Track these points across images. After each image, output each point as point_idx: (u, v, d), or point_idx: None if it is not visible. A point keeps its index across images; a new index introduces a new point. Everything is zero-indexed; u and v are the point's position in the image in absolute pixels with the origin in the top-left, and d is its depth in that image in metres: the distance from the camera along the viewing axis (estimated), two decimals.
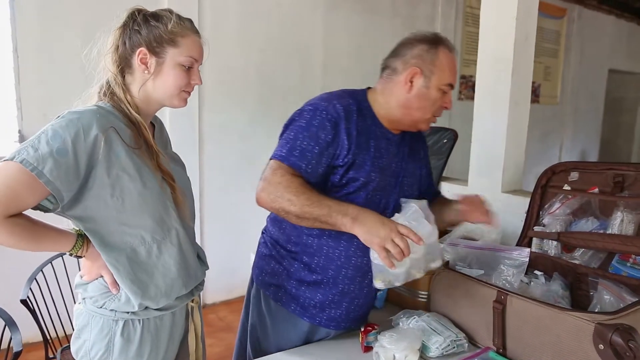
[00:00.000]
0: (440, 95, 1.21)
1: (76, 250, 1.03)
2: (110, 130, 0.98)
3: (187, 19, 1.09)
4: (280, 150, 1.15)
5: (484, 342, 1.27)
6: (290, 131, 1.18)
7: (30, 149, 0.91)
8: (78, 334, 1.09)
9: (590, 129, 6.47)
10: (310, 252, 1.23)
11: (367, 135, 1.20)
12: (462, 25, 4.66)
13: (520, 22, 1.80)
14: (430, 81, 1.19)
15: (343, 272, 1.23)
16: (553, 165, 1.61)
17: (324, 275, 1.23)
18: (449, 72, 1.21)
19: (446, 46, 1.21)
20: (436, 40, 1.21)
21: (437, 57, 1.19)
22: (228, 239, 3.31)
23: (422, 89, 1.19)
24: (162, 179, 1.06)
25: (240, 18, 3.24)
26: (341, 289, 1.24)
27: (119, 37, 1.06)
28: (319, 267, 1.23)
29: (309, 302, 1.25)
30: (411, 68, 1.19)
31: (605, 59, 6.34)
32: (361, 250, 1.19)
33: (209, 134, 3.19)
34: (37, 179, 0.90)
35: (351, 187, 1.18)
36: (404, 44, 1.24)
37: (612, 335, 0.97)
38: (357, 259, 1.22)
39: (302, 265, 1.24)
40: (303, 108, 1.21)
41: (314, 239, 1.22)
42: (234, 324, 2.98)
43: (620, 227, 1.40)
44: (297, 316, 1.26)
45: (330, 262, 1.22)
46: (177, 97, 1.09)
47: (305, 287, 1.24)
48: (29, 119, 2.58)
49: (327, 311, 1.26)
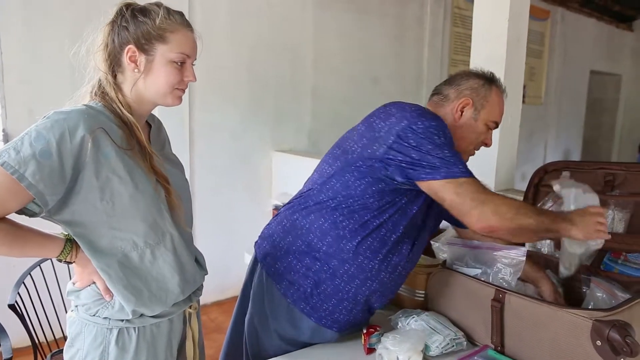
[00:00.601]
0: (485, 130, 1.28)
1: (64, 255, 0.99)
2: (98, 131, 0.93)
3: (178, 13, 1.04)
4: (458, 166, 1.08)
5: (481, 340, 1.28)
6: (441, 147, 1.09)
7: (12, 151, 0.86)
8: (71, 343, 1.05)
9: (573, 128, 6.60)
10: (343, 259, 1.19)
11: None
12: (450, 25, 4.71)
13: (512, 23, 1.82)
14: (480, 114, 1.26)
15: (368, 284, 1.21)
16: (545, 165, 1.64)
17: (349, 283, 1.20)
18: (498, 110, 1.28)
19: (499, 87, 1.30)
20: (492, 79, 1.29)
21: (491, 93, 1.27)
22: (219, 240, 3.29)
23: (470, 119, 1.26)
24: (156, 181, 1.01)
25: (230, 16, 3.22)
26: (359, 300, 1.23)
27: (108, 34, 1.01)
28: (347, 275, 1.20)
29: (320, 305, 1.22)
30: (464, 98, 1.26)
31: (586, 60, 6.47)
32: (392, 267, 1.21)
33: (199, 133, 3.16)
34: (19, 182, 0.85)
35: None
36: (461, 75, 1.31)
37: (609, 331, 0.99)
38: (386, 274, 1.22)
39: (325, 268, 1.20)
40: (417, 121, 1.11)
41: (352, 246, 1.18)
42: (225, 324, 2.94)
43: (611, 225, 1.43)
44: (305, 316, 1.23)
45: (360, 273, 1.20)
46: (170, 95, 1.04)
47: (322, 290, 1.21)
48: (14, 118, 2.52)
49: (337, 315, 1.23)
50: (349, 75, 3.95)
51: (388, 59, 4.20)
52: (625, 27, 7.04)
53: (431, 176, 1.07)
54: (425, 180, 1.09)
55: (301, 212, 1.25)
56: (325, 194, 1.21)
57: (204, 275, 1.20)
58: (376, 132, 1.14)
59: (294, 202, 1.30)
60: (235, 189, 3.33)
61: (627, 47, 7.16)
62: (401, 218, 1.18)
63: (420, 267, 1.57)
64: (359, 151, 1.16)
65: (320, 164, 1.32)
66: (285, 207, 1.33)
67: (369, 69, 4.06)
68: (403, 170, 1.11)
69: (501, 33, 1.84)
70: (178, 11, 1.05)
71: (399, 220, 1.18)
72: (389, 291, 1.27)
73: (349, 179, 1.17)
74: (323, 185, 1.23)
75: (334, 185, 1.20)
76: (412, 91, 4.49)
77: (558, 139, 6.28)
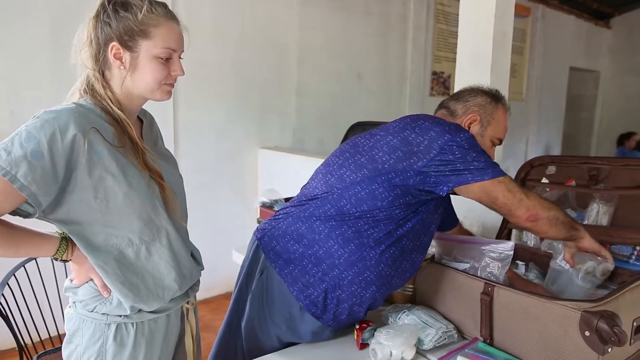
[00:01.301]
0: (489, 146, 1.33)
1: (60, 254, 0.99)
2: (89, 130, 0.92)
3: (161, 4, 1.01)
4: (499, 167, 1.16)
5: (470, 333, 1.29)
6: (482, 153, 1.16)
7: (2, 153, 0.86)
8: (70, 339, 1.05)
9: (553, 124, 6.72)
10: (365, 266, 1.20)
11: None
12: (434, 22, 4.74)
13: (498, 20, 1.84)
14: (486, 131, 1.31)
15: (382, 290, 1.24)
16: (531, 160, 1.66)
17: (366, 289, 1.21)
18: (503, 127, 1.34)
19: (504, 104, 1.35)
20: (498, 97, 1.34)
21: (497, 111, 1.32)
22: (206, 238, 3.24)
23: (477, 135, 1.29)
24: (149, 177, 1.01)
25: (214, 12, 3.18)
26: (368, 304, 1.24)
27: (93, 29, 0.99)
28: (365, 282, 1.20)
29: (332, 309, 1.22)
30: (472, 114, 1.31)
31: (566, 57, 6.59)
32: (402, 272, 1.24)
33: (184, 131, 3.13)
34: (11, 184, 0.84)
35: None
36: (469, 92, 1.35)
37: (597, 322, 1.01)
38: (397, 280, 1.25)
39: (345, 275, 1.20)
40: (467, 136, 1.17)
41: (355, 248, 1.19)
42: (213, 322, 2.94)
43: (596, 217, 1.46)
44: (313, 318, 1.21)
45: (378, 280, 1.21)
46: (159, 91, 1.03)
47: (336, 295, 1.21)
48: None
49: (343, 317, 1.23)
50: (333, 72, 3.95)
51: (372, 56, 4.22)
52: (604, 24, 7.19)
53: (480, 177, 1.13)
54: (477, 182, 1.14)
55: (320, 216, 1.22)
56: (348, 201, 1.20)
57: (200, 270, 1.20)
58: (414, 146, 1.16)
59: (310, 205, 1.26)
60: (221, 187, 3.31)
61: (605, 44, 7.32)
62: (421, 229, 1.24)
63: None
64: (391, 162, 1.17)
65: (335, 167, 1.27)
66: (297, 207, 1.29)
67: (354, 66, 4.07)
68: (447, 178, 1.14)
69: (487, 29, 1.86)
70: (161, 2, 1.02)
71: (420, 231, 1.24)
72: (390, 293, 1.33)
73: (377, 189, 1.17)
74: (345, 191, 1.21)
75: (358, 193, 1.19)
76: (396, 87, 4.51)
77: (539, 134, 6.39)
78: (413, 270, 1.30)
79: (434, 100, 4.80)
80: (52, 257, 0.99)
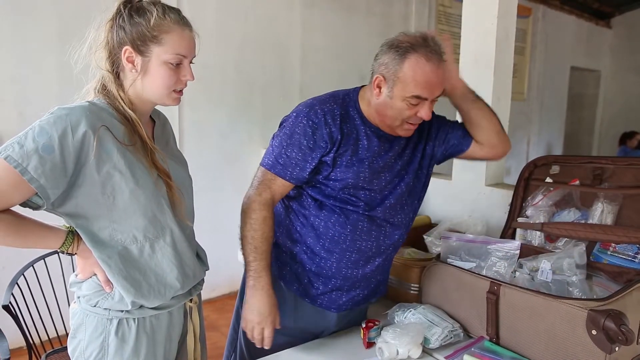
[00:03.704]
0: (406, 106, 1.16)
1: (66, 247, 1.01)
2: (100, 127, 0.95)
3: (174, 11, 1.03)
4: (268, 158, 1.24)
5: (476, 332, 1.30)
6: (277, 138, 1.24)
7: (16, 146, 0.89)
8: (74, 334, 1.07)
9: (555, 124, 6.72)
10: (316, 235, 1.26)
11: (356, 136, 1.22)
12: (435, 23, 4.75)
13: (501, 21, 1.85)
14: (393, 91, 1.16)
15: (347, 255, 1.25)
16: (535, 159, 1.67)
17: (329, 258, 1.26)
18: (413, 83, 1.13)
19: (419, 55, 1.12)
20: (407, 49, 1.13)
21: (402, 68, 1.13)
22: (208, 238, 3.26)
23: (386, 97, 1.17)
24: (157, 176, 1.03)
25: (218, 15, 3.20)
26: (344, 274, 1.27)
27: (108, 32, 1.02)
28: (324, 250, 1.26)
29: (311, 284, 1.28)
30: (377, 75, 1.18)
31: (567, 56, 6.59)
32: (365, 234, 1.24)
33: (188, 132, 3.14)
34: (21, 176, 0.88)
35: (339, 183, 1.21)
36: (381, 48, 1.20)
37: (604, 320, 1.02)
38: (362, 242, 1.25)
39: (304, 248, 1.28)
40: (289, 114, 1.25)
41: (320, 221, 1.26)
42: (217, 322, 2.96)
43: (600, 217, 1.47)
44: (299, 297, 1.28)
45: (335, 245, 1.25)
46: (168, 97, 1.05)
47: (308, 271, 1.28)
48: (4, 118, 2.46)
49: (329, 294, 1.28)
50: (336, 72, 3.96)
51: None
52: (604, 24, 7.19)
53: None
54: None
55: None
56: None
57: (205, 270, 1.22)
58: None
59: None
60: (224, 187, 3.32)
61: (606, 43, 7.32)
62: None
63: (414, 261, 1.59)
64: None
65: None
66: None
67: (356, 67, 4.06)
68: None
69: (490, 30, 1.87)
70: (175, 8, 1.04)
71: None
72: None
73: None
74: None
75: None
76: None
77: (540, 134, 6.39)
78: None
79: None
80: (59, 250, 1.02)
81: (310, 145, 1.19)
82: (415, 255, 1.67)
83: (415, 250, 1.70)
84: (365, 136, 1.23)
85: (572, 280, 1.31)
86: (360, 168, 1.21)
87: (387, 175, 1.26)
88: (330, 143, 1.19)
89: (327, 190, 1.23)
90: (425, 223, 1.96)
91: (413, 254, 1.67)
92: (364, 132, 1.23)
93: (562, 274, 1.33)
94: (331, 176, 1.21)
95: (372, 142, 1.23)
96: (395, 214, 1.28)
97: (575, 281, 1.30)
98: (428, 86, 1.15)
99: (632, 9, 6.92)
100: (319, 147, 1.19)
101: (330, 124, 1.19)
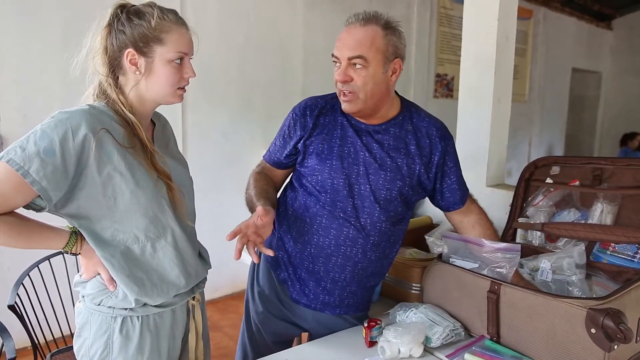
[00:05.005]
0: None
1: (70, 247, 1.03)
2: (100, 130, 0.97)
3: (171, 11, 1.07)
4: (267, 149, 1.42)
5: (477, 331, 1.31)
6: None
7: (18, 149, 0.91)
8: (79, 333, 1.09)
9: (556, 125, 6.73)
10: (288, 223, 1.36)
11: (332, 126, 1.31)
12: (437, 25, 4.77)
13: (501, 23, 1.86)
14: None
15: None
16: (535, 160, 1.68)
17: (295, 247, 1.34)
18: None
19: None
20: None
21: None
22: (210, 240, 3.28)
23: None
24: (157, 177, 1.05)
25: (220, 16, 3.21)
26: (306, 267, 1.33)
27: (106, 37, 1.04)
28: (292, 239, 1.35)
29: (284, 268, 1.38)
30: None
31: (568, 58, 6.60)
32: (323, 229, 1.29)
33: (191, 133, 3.16)
34: (23, 178, 0.90)
35: (309, 170, 1.31)
36: None
37: (603, 319, 1.03)
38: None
39: (283, 231, 1.38)
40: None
41: (294, 210, 1.34)
42: (220, 323, 2.97)
43: (600, 217, 1.48)
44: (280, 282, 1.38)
45: (299, 236, 1.33)
46: (172, 94, 1.08)
47: (283, 255, 1.38)
48: (8, 120, 2.46)
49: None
50: None
51: None
52: (605, 25, 7.21)
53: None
54: None
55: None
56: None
57: (207, 269, 1.24)
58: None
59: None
60: (226, 188, 3.33)
61: (607, 45, 7.33)
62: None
63: (416, 261, 1.61)
64: None
65: None
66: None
67: None
68: None
69: (490, 32, 1.88)
70: (171, 10, 1.07)
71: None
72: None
73: None
74: None
75: None
76: (400, 89, 4.52)
77: (542, 135, 6.40)
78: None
79: (437, 102, 4.86)
80: (63, 250, 1.04)
81: (290, 134, 1.34)
82: (417, 255, 1.68)
83: (416, 251, 1.71)
84: (342, 127, 1.30)
85: (572, 279, 1.32)
86: (329, 156, 1.28)
87: (355, 170, 1.27)
88: (302, 130, 1.31)
89: (301, 178, 1.34)
90: (426, 223, 1.97)
91: (415, 254, 1.69)
92: (341, 124, 1.31)
93: (562, 274, 1.34)
94: (304, 163, 1.32)
95: (347, 133, 1.29)
96: (358, 215, 1.28)
97: (575, 280, 1.31)
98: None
99: (632, 11, 6.94)
100: (295, 136, 1.33)
101: (307, 114, 1.32)
